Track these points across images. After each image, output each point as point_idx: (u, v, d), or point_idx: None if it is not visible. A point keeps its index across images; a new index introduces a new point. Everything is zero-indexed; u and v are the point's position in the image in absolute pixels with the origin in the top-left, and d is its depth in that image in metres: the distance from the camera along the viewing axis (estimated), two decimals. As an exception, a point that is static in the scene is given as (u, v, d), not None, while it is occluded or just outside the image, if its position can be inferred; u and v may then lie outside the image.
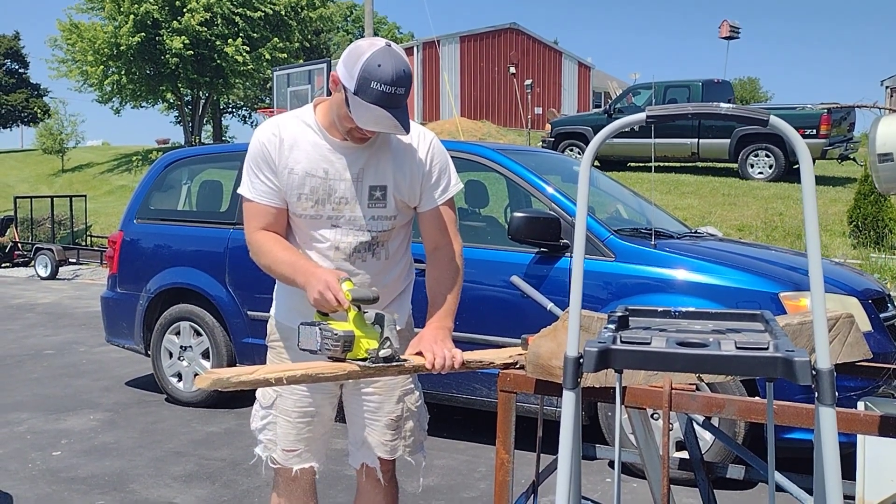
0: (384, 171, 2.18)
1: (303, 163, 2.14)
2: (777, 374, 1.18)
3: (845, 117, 14.22)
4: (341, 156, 2.15)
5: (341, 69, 2.03)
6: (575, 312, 1.35)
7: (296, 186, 2.14)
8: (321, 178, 2.15)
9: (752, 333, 1.40)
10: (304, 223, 2.18)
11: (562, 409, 1.30)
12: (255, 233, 2.20)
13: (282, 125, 2.18)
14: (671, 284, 3.81)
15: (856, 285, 3.98)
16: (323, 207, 2.16)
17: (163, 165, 5.71)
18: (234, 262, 5.02)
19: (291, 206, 2.17)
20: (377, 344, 1.95)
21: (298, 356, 2.14)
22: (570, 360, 1.30)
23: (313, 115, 2.19)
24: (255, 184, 2.18)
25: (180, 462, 4.13)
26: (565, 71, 31.73)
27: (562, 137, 16.02)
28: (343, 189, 2.15)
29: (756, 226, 10.81)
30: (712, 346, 1.25)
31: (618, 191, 5.29)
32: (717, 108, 1.28)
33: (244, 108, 45.84)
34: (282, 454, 2.32)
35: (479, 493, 3.69)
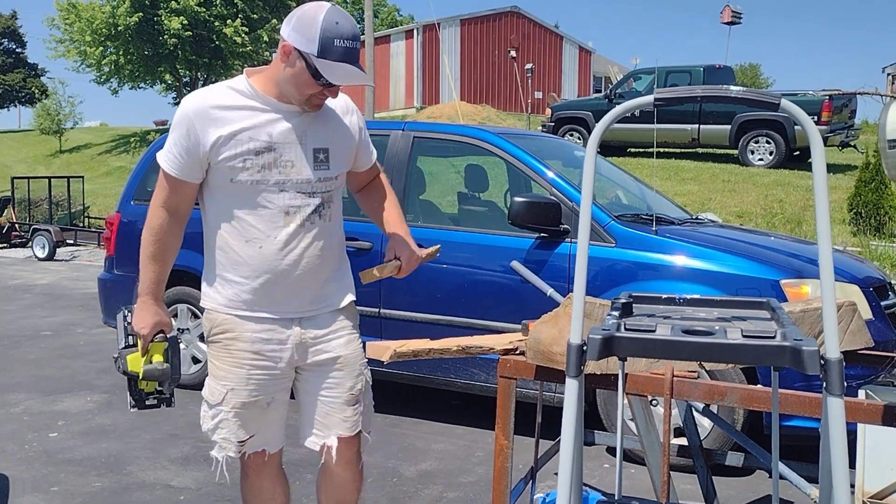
0: (325, 133, 2.21)
1: (245, 129, 2.11)
2: (785, 364, 1.16)
3: (847, 104, 14.17)
4: (284, 120, 2.14)
5: (295, 36, 2.03)
6: (579, 299, 1.33)
7: (241, 153, 2.10)
8: (265, 142, 2.12)
9: (758, 321, 1.38)
10: (249, 189, 2.12)
11: (564, 397, 1.28)
12: (158, 209, 2.21)
13: (214, 93, 2.14)
14: (672, 271, 3.79)
15: (857, 273, 3.96)
16: (269, 172, 2.12)
17: (157, 148, 5.66)
18: (232, 244, 4.99)
19: (234, 173, 2.11)
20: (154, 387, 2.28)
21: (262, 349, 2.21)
22: (573, 348, 1.27)
23: (248, 83, 2.15)
24: (171, 154, 2.15)
25: (177, 444, 4.12)
26: (566, 55, 31.57)
27: (562, 122, 15.95)
28: (289, 152, 2.14)
29: (756, 212, 10.79)
30: (718, 334, 1.23)
31: (619, 176, 5.25)
32: (727, 90, 1.25)
33: (243, 90, 45.61)
34: (238, 447, 2.30)
35: (477, 478, 3.68)
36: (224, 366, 2.23)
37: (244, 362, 2.20)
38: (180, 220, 2.24)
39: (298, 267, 2.18)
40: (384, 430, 4.36)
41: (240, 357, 2.20)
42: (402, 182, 4.52)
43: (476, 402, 4.73)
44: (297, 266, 2.18)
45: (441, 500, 3.46)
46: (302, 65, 2.03)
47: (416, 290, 4.32)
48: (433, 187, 6.86)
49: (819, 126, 13.46)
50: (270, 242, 2.15)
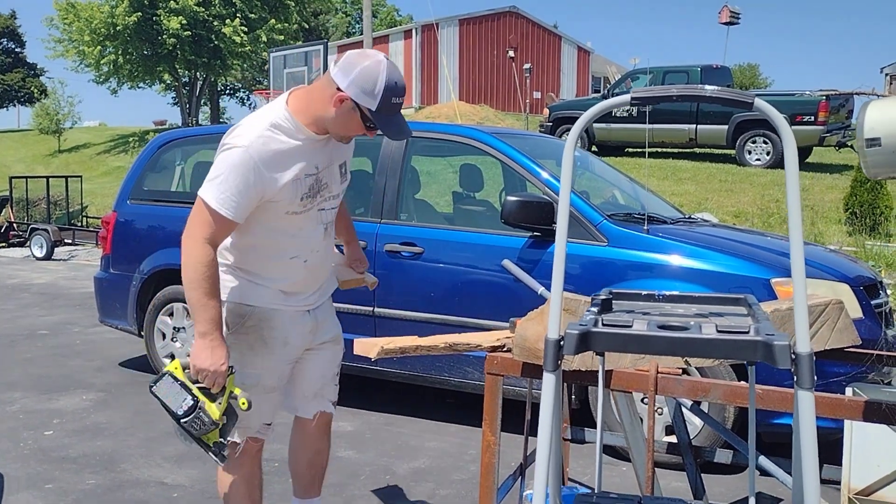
0: (341, 150, 2.43)
1: (301, 168, 2.25)
2: (756, 358, 1.18)
3: (844, 104, 14.19)
4: (322, 147, 2.33)
5: (354, 90, 2.16)
6: (557, 294, 1.35)
7: (299, 191, 2.26)
8: (314, 175, 2.30)
9: (734, 317, 1.40)
10: (300, 218, 2.30)
11: (542, 391, 1.30)
12: (204, 244, 2.18)
13: (270, 138, 2.20)
14: (663, 269, 3.81)
15: (847, 272, 3.98)
16: (314, 200, 2.33)
17: (156, 146, 5.69)
18: (228, 243, 5.01)
19: (291, 207, 2.25)
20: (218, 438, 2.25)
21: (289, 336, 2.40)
22: (550, 342, 1.29)
23: (290, 118, 2.25)
24: (231, 199, 2.16)
25: (172, 443, 4.14)
26: (564, 55, 31.60)
27: (560, 122, 15.98)
28: (327, 176, 2.36)
29: (752, 212, 10.81)
30: (693, 329, 1.25)
31: (613, 176, 5.28)
32: (701, 90, 1.27)
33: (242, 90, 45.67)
34: (262, 429, 2.47)
35: (470, 476, 3.71)
36: (259, 354, 2.37)
37: (276, 350, 2.38)
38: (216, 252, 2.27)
39: (325, 270, 2.50)
40: (378, 428, 4.39)
41: (273, 346, 2.37)
42: (395, 181, 4.55)
43: (470, 400, 4.75)
44: (324, 269, 2.50)
45: (433, 497, 3.48)
46: (357, 115, 2.21)
47: (411, 290, 4.34)
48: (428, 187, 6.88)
49: (816, 126, 13.50)
50: (312, 255, 2.39)
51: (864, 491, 2.57)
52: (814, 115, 13.36)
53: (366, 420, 4.52)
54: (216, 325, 2.19)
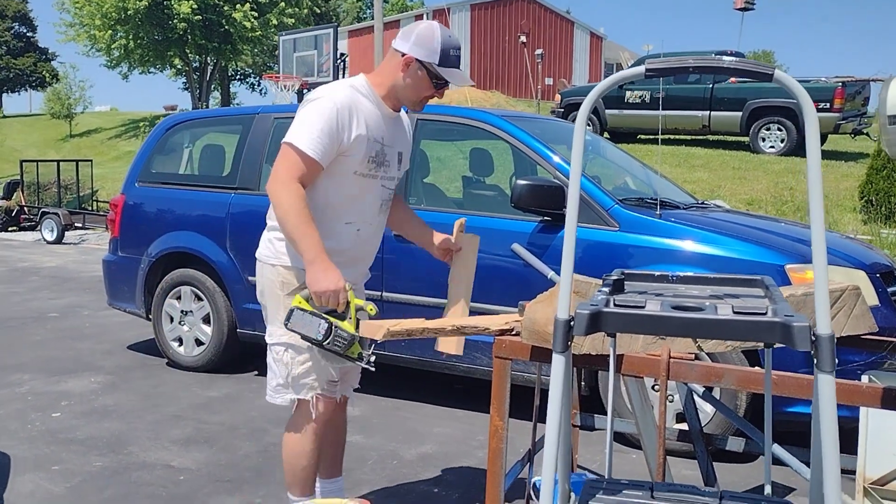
0: (403, 138, 2.66)
1: (372, 129, 2.46)
2: (775, 340, 1.13)
3: (860, 91, 14.01)
4: (390, 124, 2.55)
5: (417, 49, 2.41)
6: (567, 274, 1.30)
7: (365, 149, 2.44)
8: (381, 145, 2.50)
9: (750, 299, 1.35)
10: (364, 181, 2.48)
11: (551, 374, 1.25)
12: (293, 181, 2.36)
13: (354, 94, 2.45)
14: (675, 255, 3.75)
15: (864, 258, 3.91)
16: (379, 169, 2.51)
17: (164, 129, 5.65)
18: (236, 227, 4.98)
19: (359, 167, 2.45)
20: (365, 350, 2.36)
21: None
22: (560, 323, 1.25)
23: (369, 87, 2.50)
24: (318, 141, 2.36)
25: (179, 426, 4.13)
26: (577, 41, 31.36)
27: (571, 108, 15.84)
28: (391, 154, 2.56)
29: (766, 200, 10.70)
30: (708, 310, 1.20)
31: (626, 161, 5.21)
32: (719, 61, 1.21)
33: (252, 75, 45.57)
34: (330, 386, 2.58)
35: (477, 461, 3.67)
36: None
37: None
38: None
39: (374, 250, 2.65)
40: (386, 414, 4.36)
41: None
42: (405, 165, 4.50)
43: (478, 385, 4.72)
44: (374, 249, 2.65)
45: (440, 482, 3.45)
46: (424, 73, 2.44)
47: (419, 274, 4.30)
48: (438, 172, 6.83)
49: (832, 113, 13.32)
50: (366, 228, 2.55)
51: (879, 480, 2.52)
52: (829, 102, 13.18)
53: (374, 405, 4.50)
54: (320, 249, 2.34)
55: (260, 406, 4.46)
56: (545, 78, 26.82)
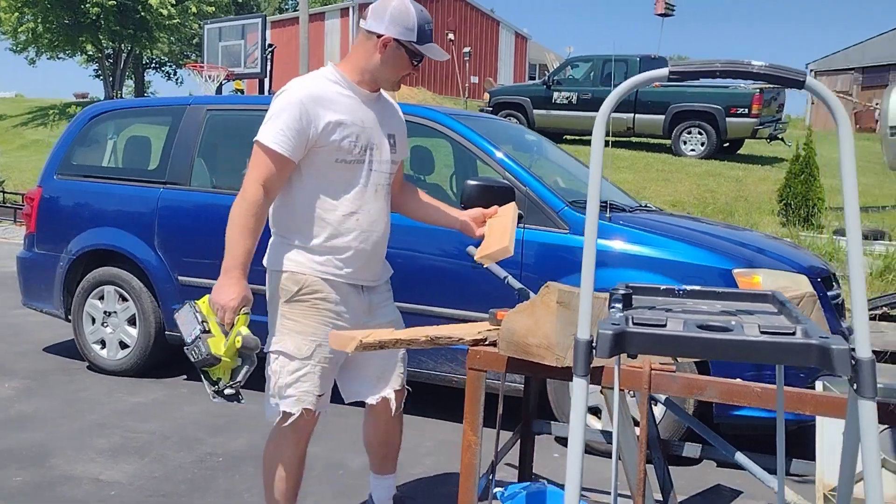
0: (392, 121, 2.59)
1: (350, 113, 2.41)
2: (810, 363, 1.07)
3: (775, 97, 14.53)
4: (369, 108, 2.48)
5: (395, 29, 2.37)
6: (587, 290, 1.20)
7: (342, 135, 2.38)
8: (360, 127, 2.43)
9: (768, 316, 1.29)
10: (350, 168, 2.42)
11: (572, 397, 1.16)
12: (257, 186, 2.33)
13: (318, 84, 2.41)
14: (626, 258, 3.73)
15: (802, 262, 3.98)
16: (365, 153, 2.45)
17: (87, 118, 5.33)
18: (165, 223, 4.73)
19: (341, 154, 2.38)
20: (228, 380, 2.32)
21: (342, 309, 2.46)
22: (581, 344, 1.16)
23: (340, 74, 2.45)
24: (282, 136, 2.32)
25: (105, 435, 3.88)
26: (502, 40, 31.55)
27: (500, 107, 15.90)
28: (376, 136, 2.48)
29: (689, 201, 10.96)
30: (736, 329, 1.13)
31: (568, 163, 5.19)
32: (748, 65, 1.15)
33: (169, 64, 44.10)
34: (317, 401, 2.47)
35: (426, 469, 3.57)
36: (312, 322, 2.43)
37: (329, 320, 2.44)
38: (270, 200, 2.40)
39: (380, 239, 2.54)
40: (328, 420, 4.16)
41: (327, 315, 2.44)
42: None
43: (425, 390, 4.61)
44: (380, 238, 2.54)
45: (389, 492, 3.33)
46: (402, 52, 2.40)
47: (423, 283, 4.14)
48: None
49: (749, 119, 13.78)
50: (366, 216, 2.47)
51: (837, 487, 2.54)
52: (748, 108, 13.63)
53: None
54: (239, 263, 2.30)
55: (192, 413, 4.24)
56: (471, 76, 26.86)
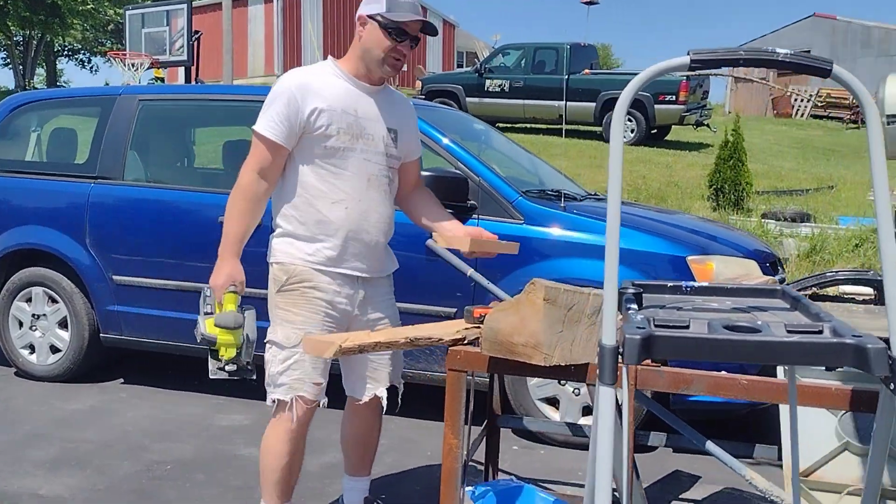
0: (395, 117, 2.58)
1: (339, 101, 2.44)
2: (846, 364, 1.04)
3: (700, 85, 14.86)
4: (368, 99, 2.51)
5: (365, 7, 2.46)
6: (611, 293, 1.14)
7: (330, 121, 2.41)
8: (353, 116, 2.46)
9: (783, 313, 1.25)
10: (339, 155, 2.44)
11: (598, 407, 1.10)
12: (251, 172, 2.44)
13: (310, 73, 2.49)
14: (582, 248, 3.70)
15: (748, 246, 4.04)
16: (356, 141, 2.46)
17: (7, 110, 5.01)
18: (97, 220, 4.49)
19: (328, 140, 2.41)
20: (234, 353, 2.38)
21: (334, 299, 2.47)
22: (608, 351, 1.09)
23: (336, 66, 2.51)
24: (272, 122, 2.41)
25: (41, 446, 3.65)
26: (429, 28, 31.31)
27: (432, 95, 15.79)
28: (371, 127, 2.49)
29: (622, 188, 11.10)
30: (765, 330, 1.09)
31: (515, 152, 5.15)
32: (773, 54, 1.10)
33: (82, 52, 42.36)
34: (312, 388, 2.47)
35: (385, 469, 3.48)
36: (301, 311, 2.45)
37: (320, 309, 2.46)
38: (267, 187, 2.47)
39: (373, 231, 2.52)
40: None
41: (317, 304, 2.45)
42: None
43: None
44: (373, 228, 2.51)
45: (350, 494, 3.23)
46: (377, 28, 2.42)
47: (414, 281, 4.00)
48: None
49: (676, 106, 14.06)
50: (356, 205, 2.46)
51: (804, 472, 2.56)
52: (675, 95, 13.90)
53: (262, 412, 4.15)
54: (229, 246, 2.43)
55: (134, 419, 4.04)
56: (400, 64, 26.55)
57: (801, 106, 24.14)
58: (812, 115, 23.78)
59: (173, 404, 4.30)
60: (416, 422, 4.00)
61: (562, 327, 1.81)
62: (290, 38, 27.28)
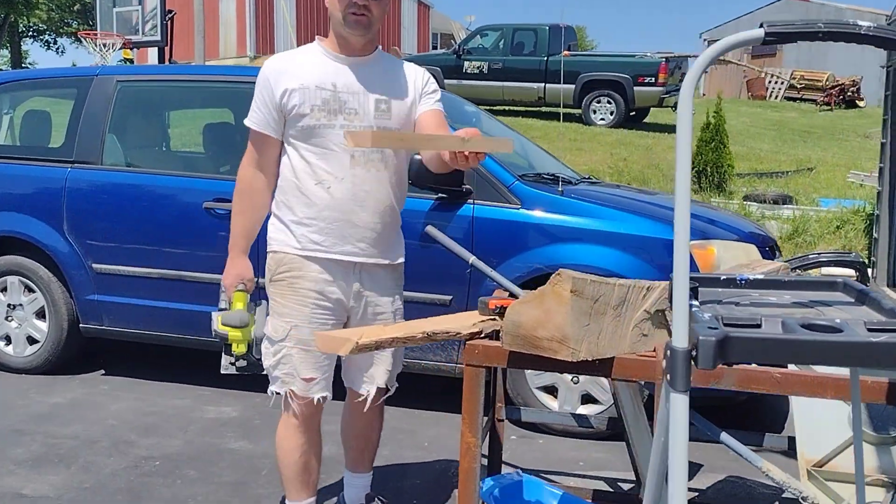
0: (386, 86, 2.40)
1: (313, 78, 2.33)
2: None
3: (679, 66, 14.81)
4: (348, 71, 2.36)
5: None
6: (682, 293, 1.03)
7: (309, 99, 2.31)
8: (331, 91, 2.33)
9: (851, 308, 1.17)
10: (317, 133, 2.32)
11: (673, 416, 1.00)
12: (246, 167, 2.44)
13: (288, 56, 2.43)
14: (582, 233, 3.62)
15: (745, 229, 3.98)
16: (335, 117, 2.32)
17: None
18: (75, 206, 4.32)
19: (303, 119, 2.31)
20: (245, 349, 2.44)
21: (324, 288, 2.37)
22: (680, 355, 1.00)
23: (318, 44, 2.42)
24: (254, 111, 2.39)
25: (23, 442, 3.51)
26: (405, 9, 31.03)
27: (409, 77, 15.57)
28: (353, 101, 2.34)
29: (605, 171, 11.04)
30: (847, 330, 1.00)
31: (505, 134, 5.04)
32: (853, 27, 1.01)
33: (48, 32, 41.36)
34: (301, 384, 2.39)
35: (383, 461, 3.36)
36: (288, 303, 2.37)
37: (308, 300, 2.36)
38: (265, 179, 2.43)
39: (363, 209, 2.36)
40: (267, 413, 3.93)
41: (304, 295, 2.36)
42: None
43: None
44: (362, 209, 2.35)
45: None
46: None
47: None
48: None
49: (656, 87, 14.00)
50: (338, 184, 2.33)
51: (818, 462, 2.51)
52: (654, 77, 13.83)
53: (250, 403, 4.07)
54: (236, 241, 2.45)
55: (118, 412, 3.90)
56: (375, 45, 26.27)
57: (776, 88, 24.26)
58: (786, 96, 23.92)
59: (157, 396, 4.16)
60: (409, 412, 3.91)
61: (588, 320, 1.72)
62: (263, 18, 26.83)
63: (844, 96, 22.93)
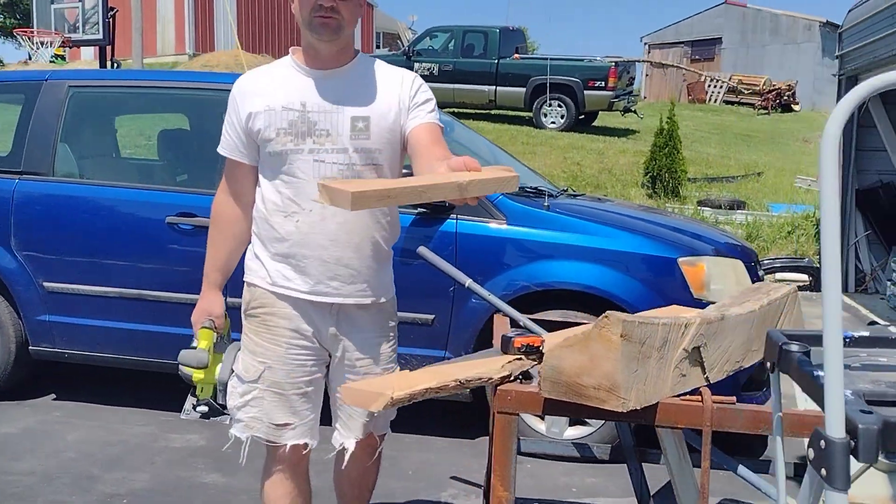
0: (366, 100, 2.10)
1: (279, 98, 2.08)
2: None
3: (627, 71, 14.96)
4: (320, 85, 2.09)
5: None
6: (835, 359, 0.89)
7: (274, 122, 2.07)
8: (299, 112, 2.07)
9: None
10: (283, 160, 2.08)
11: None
12: (219, 195, 2.26)
13: (259, 71, 2.21)
14: (569, 250, 3.50)
15: (731, 244, 3.93)
16: (303, 141, 2.06)
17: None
18: (24, 220, 4.02)
19: (269, 145, 2.08)
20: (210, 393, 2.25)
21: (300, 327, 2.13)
22: (839, 447, 0.87)
23: (290, 58, 2.17)
24: (224, 136, 2.19)
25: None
26: (348, 7, 30.61)
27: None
28: (324, 121, 2.07)
29: (559, 175, 11.03)
30: None
31: (480, 144, 4.92)
32: None
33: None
34: (271, 430, 2.16)
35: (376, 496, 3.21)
36: (262, 341, 2.16)
37: (282, 340, 2.14)
38: (241, 207, 2.22)
39: (335, 245, 2.08)
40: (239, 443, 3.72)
41: (278, 334, 2.14)
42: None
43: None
44: (334, 244, 2.08)
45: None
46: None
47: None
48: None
49: (605, 91, 14.09)
50: (306, 216, 2.07)
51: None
52: (604, 81, 13.92)
53: (218, 431, 3.81)
54: (206, 274, 2.28)
55: (76, 443, 3.63)
56: (319, 44, 25.87)
57: (715, 92, 24.76)
58: (724, 100, 24.43)
59: (118, 423, 3.90)
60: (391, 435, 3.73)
61: (637, 366, 1.60)
62: (202, 14, 26.14)
63: (781, 100, 23.54)
